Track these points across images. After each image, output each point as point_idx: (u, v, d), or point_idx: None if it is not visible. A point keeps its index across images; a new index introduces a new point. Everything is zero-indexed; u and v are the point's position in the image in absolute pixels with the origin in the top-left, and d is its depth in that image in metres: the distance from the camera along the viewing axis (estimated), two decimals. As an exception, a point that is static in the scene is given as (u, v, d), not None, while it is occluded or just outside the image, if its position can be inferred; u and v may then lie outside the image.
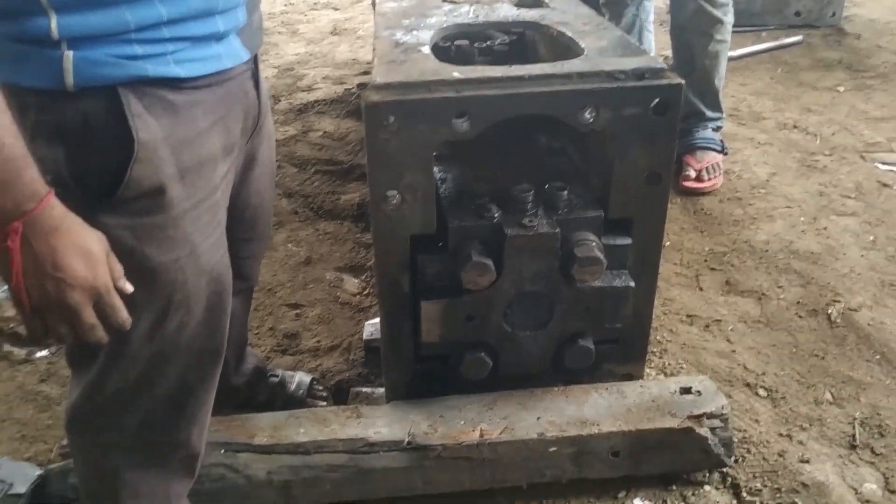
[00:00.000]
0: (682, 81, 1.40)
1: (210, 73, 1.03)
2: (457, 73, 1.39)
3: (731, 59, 3.65)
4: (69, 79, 0.90)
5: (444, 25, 1.71)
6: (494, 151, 1.72)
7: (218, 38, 1.03)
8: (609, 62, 1.43)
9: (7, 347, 2.02)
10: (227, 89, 1.09)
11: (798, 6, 4.31)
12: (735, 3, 2.68)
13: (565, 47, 1.63)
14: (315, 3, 5.41)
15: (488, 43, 2.02)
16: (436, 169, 1.56)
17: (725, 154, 2.72)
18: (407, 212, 1.43)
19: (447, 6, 1.85)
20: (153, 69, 0.94)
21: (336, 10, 5.24)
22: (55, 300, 0.90)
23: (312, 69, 4.00)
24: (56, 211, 0.88)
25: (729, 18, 2.57)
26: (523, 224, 1.44)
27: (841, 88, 3.47)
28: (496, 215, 1.46)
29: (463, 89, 1.36)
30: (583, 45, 1.54)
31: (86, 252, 0.90)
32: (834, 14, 4.28)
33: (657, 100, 1.39)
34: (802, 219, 2.44)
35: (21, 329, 2.07)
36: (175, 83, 0.98)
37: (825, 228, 2.38)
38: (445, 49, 1.99)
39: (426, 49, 1.53)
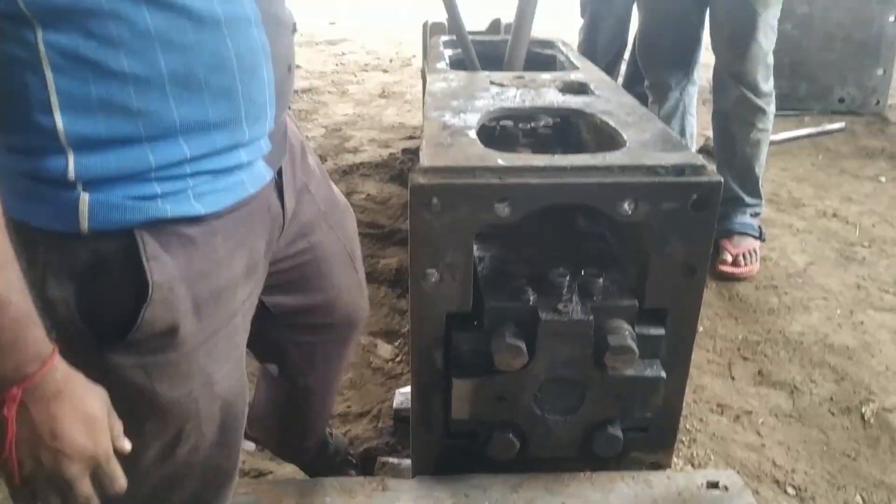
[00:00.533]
0: (721, 180, 1.42)
1: (232, 204, 0.97)
2: (501, 159, 1.44)
3: (772, 142, 3.68)
4: (84, 224, 0.84)
5: (491, 109, 1.77)
6: (533, 232, 1.76)
7: (241, 167, 0.97)
8: (650, 156, 1.47)
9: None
10: (249, 210, 1.01)
11: (842, 93, 4.34)
12: (779, 86, 2.73)
13: (608, 137, 1.68)
14: (365, 65, 5.57)
15: (532, 125, 2.07)
16: (475, 246, 1.60)
17: (763, 241, 2.73)
18: (445, 290, 1.47)
19: (495, 89, 1.91)
20: (172, 209, 0.88)
21: (385, 72, 5.40)
22: (50, 472, 0.81)
23: (359, 131, 4.11)
24: (59, 373, 0.80)
25: (771, 108, 2.61)
26: (558, 309, 1.47)
27: (883, 178, 3.47)
28: (532, 298, 1.49)
29: (506, 176, 1.40)
30: (625, 137, 1.58)
31: (87, 418, 0.82)
32: (878, 102, 4.30)
33: (696, 196, 1.42)
34: (839, 311, 2.42)
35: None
36: (194, 218, 0.92)
37: (861, 323, 2.36)
38: (491, 129, 2.05)
39: (472, 133, 1.58)
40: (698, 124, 3.09)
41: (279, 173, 1.10)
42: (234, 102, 0.89)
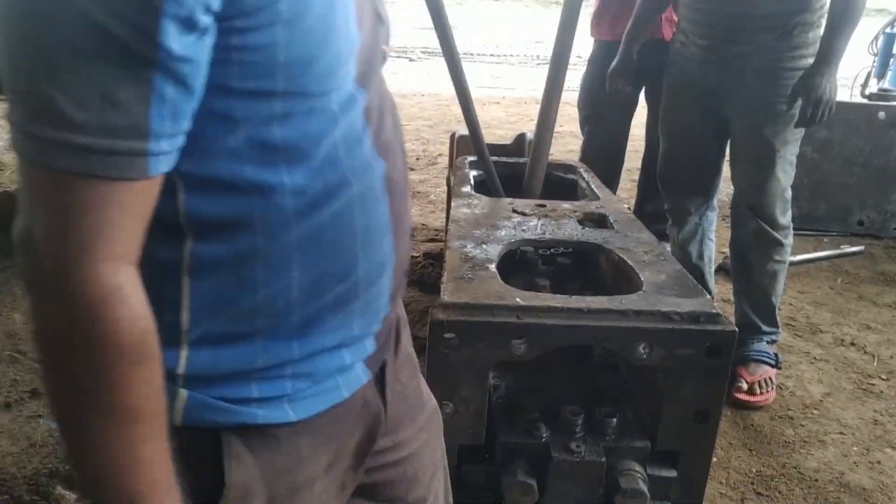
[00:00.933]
0: (736, 329, 1.46)
1: (324, 409, 0.91)
2: (519, 298, 1.48)
3: (791, 263, 3.71)
4: (177, 418, 0.82)
5: (512, 240, 1.83)
6: (550, 362, 1.78)
7: (342, 370, 0.92)
8: (666, 301, 1.50)
9: (60, 490, 2.09)
10: (341, 409, 0.94)
11: (861, 215, 4.39)
12: (798, 207, 2.77)
13: (625, 275, 1.72)
14: (392, 162, 5.72)
15: (552, 251, 2.13)
16: (491, 374, 1.63)
17: (779, 368, 2.72)
18: (458, 422, 1.49)
19: (517, 218, 1.98)
20: (264, 415, 0.85)
21: (412, 170, 5.51)
22: None
23: (382, 230, 4.19)
24: None
25: (788, 240, 2.65)
26: (570, 449, 1.48)
27: (902, 307, 3.47)
28: (544, 435, 1.51)
29: (524, 315, 1.44)
30: (642, 277, 1.62)
31: None
32: (898, 227, 4.34)
33: (710, 343, 1.45)
34: (855, 448, 2.40)
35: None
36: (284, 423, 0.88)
37: (878, 462, 2.33)
38: (512, 253, 2.11)
39: (493, 267, 1.63)
40: (718, 241, 3.12)
41: (382, 367, 1.01)
42: (352, 306, 0.89)
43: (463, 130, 2.67)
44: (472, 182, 2.33)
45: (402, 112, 5.70)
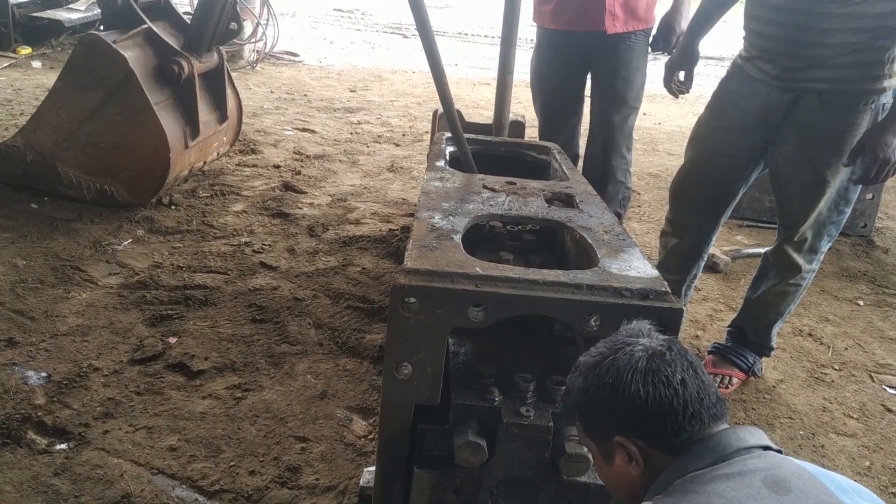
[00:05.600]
0: (683, 307, 1.53)
1: None
2: (479, 268, 1.55)
3: (753, 255, 3.81)
4: None
5: (479, 214, 1.89)
6: (509, 332, 1.86)
7: None
8: (618, 277, 1.58)
9: (31, 435, 2.15)
10: None
11: (832, 213, 4.48)
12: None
13: (584, 252, 1.79)
14: (378, 137, 5.76)
15: (519, 227, 2.19)
16: (449, 341, 1.70)
17: (752, 376, 2.74)
18: (415, 383, 1.56)
19: (486, 193, 2.04)
20: None
21: (397, 146, 5.57)
22: None
23: (364, 203, 4.25)
24: None
25: (810, 267, 2.60)
26: (520, 412, 1.56)
27: (861, 302, 3.58)
28: (497, 400, 1.58)
29: (482, 284, 1.51)
30: (599, 255, 1.70)
31: None
32: (865, 225, 4.44)
33: (657, 319, 1.52)
34: (801, 432, 2.50)
35: (47, 418, 2.21)
36: None
37: (822, 447, 2.43)
38: (480, 227, 2.18)
39: (457, 237, 1.70)
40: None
41: None
42: None
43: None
44: (447, 157, 2.39)
45: (392, 88, 5.79)
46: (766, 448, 1.16)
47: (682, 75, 2.77)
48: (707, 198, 2.66)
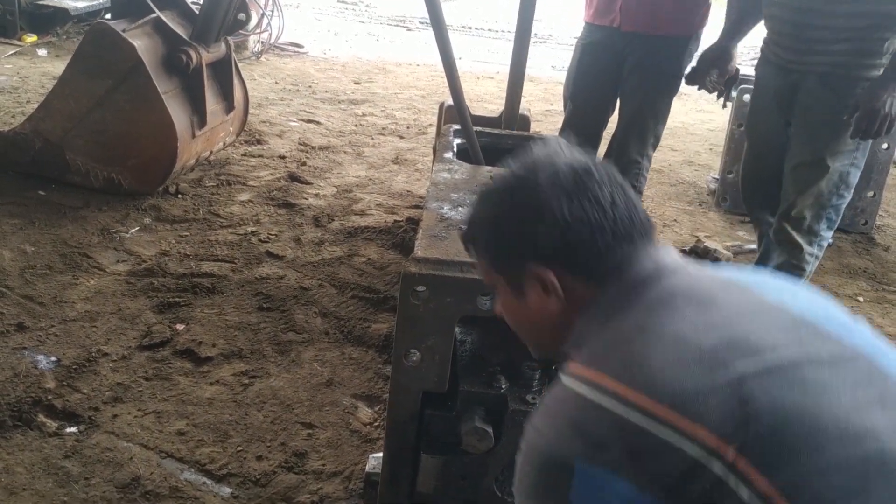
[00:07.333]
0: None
1: None
2: (488, 258, 1.58)
3: (756, 251, 3.83)
4: None
5: (488, 205, 1.92)
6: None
7: None
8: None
9: (42, 418, 2.19)
10: None
11: (834, 210, 4.51)
12: None
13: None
14: (383, 129, 5.77)
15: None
16: (457, 329, 1.73)
17: None
18: (424, 370, 1.60)
19: (494, 185, 2.07)
20: None
21: (402, 138, 5.59)
22: None
23: (369, 194, 4.28)
24: None
25: (812, 249, 2.67)
26: (526, 400, 1.59)
27: (861, 299, 3.61)
28: (503, 387, 1.62)
29: (491, 274, 1.54)
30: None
31: None
32: (866, 223, 4.46)
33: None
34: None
35: (57, 402, 2.25)
36: None
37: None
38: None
39: (467, 228, 1.73)
40: (694, 226, 3.20)
41: None
42: None
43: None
44: (454, 149, 2.42)
45: (397, 81, 5.80)
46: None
47: (715, 74, 2.85)
48: (768, 184, 2.80)
